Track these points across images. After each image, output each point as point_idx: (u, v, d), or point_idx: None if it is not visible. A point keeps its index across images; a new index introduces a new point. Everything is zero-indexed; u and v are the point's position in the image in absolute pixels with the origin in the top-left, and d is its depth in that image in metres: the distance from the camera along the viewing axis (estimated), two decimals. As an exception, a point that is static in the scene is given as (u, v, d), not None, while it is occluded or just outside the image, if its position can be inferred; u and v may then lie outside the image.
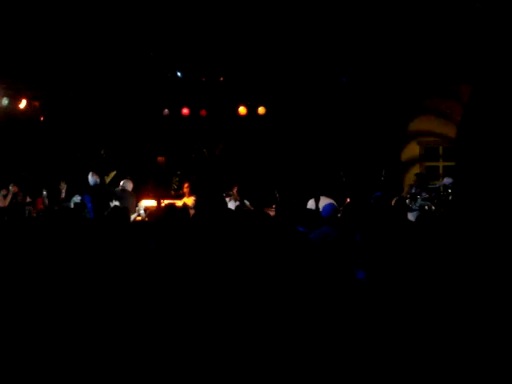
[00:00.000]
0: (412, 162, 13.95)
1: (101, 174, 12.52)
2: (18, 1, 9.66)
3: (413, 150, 13.98)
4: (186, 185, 12.07)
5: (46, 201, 10.68)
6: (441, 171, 13.89)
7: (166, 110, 13.22)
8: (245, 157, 14.11)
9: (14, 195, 10.89)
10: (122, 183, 11.05)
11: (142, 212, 10.81)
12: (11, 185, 10.94)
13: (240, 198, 11.07)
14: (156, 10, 10.27)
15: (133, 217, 9.91)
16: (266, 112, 12.49)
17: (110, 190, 10.96)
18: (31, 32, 10.51)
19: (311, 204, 9.07)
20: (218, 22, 9.96)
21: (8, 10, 9.68)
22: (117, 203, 10.04)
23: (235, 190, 11.19)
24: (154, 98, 12.90)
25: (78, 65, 11.45)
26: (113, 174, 14.22)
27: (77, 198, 10.42)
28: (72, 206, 9.89)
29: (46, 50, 10.96)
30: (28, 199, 11.33)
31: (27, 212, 9.61)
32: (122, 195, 10.64)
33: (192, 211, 6.92)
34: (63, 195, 11.28)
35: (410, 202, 10.43)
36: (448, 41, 9.88)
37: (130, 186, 11.01)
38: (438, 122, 13.42)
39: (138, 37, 11.13)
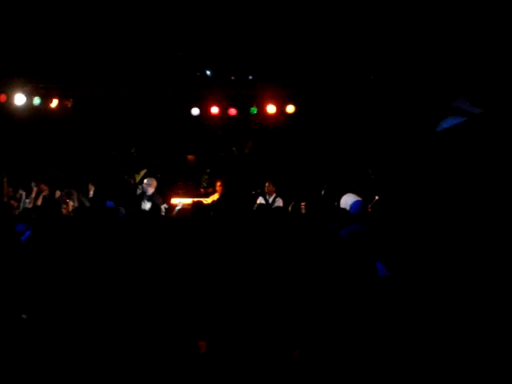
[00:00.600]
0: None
1: (132, 173, 12.75)
2: (50, 2, 9.85)
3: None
4: (218, 183, 12.17)
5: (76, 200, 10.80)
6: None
7: (196, 109, 13.30)
8: (274, 155, 14.15)
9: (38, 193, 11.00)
10: (145, 181, 11.15)
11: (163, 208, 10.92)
12: (36, 184, 11.05)
13: (276, 194, 11.13)
14: (186, 9, 10.38)
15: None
16: (296, 110, 12.50)
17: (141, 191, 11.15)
18: (63, 32, 10.71)
19: (344, 202, 9.06)
20: (247, 22, 10.03)
21: (41, 12, 9.88)
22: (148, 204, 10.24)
23: (269, 186, 11.22)
24: (184, 97, 12.98)
25: (108, 64, 11.61)
26: (143, 172, 14.38)
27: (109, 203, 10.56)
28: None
29: (77, 50, 11.14)
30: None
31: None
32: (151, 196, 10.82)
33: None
34: (91, 195, 11.49)
35: None
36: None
37: (154, 184, 11.11)
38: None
39: (169, 36, 11.25)
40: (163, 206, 10.94)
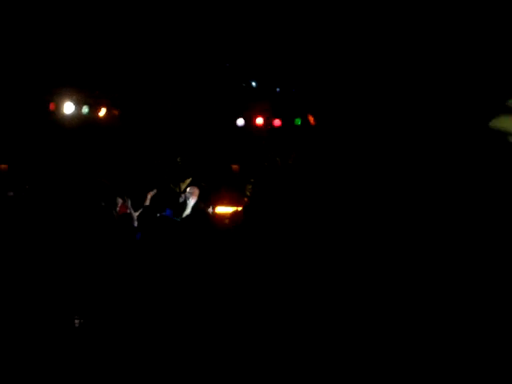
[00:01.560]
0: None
1: (177, 182, 12.86)
2: (100, 15, 10.06)
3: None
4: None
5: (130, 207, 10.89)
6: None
7: (241, 119, 13.41)
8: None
9: None
10: (188, 190, 11.23)
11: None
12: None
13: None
14: (233, 21, 10.47)
15: None
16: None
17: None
18: (112, 42, 10.92)
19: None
20: (292, 34, 10.06)
21: (90, 23, 10.11)
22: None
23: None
24: (230, 107, 13.10)
25: (156, 74, 11.79)
26: (188, 181, 14.49)
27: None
28: None
29: (126, 59, 11.34)
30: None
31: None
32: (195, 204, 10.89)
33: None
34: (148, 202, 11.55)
35: None
36: None
37: (196, 192, 11.17)
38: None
39: (215, 47, 11.36)
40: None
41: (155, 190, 11.08)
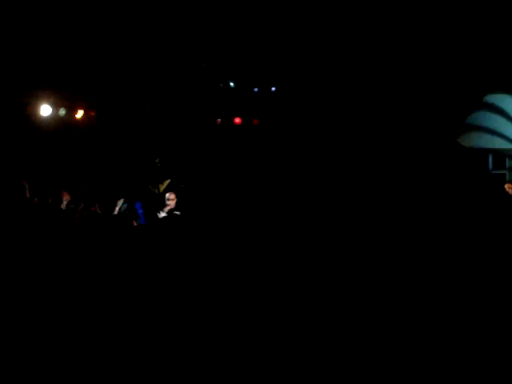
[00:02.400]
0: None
1: (156, 183, 12.80)
2: (76, 16, 10.01)
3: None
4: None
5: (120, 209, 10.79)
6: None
7: (219, 120, 13.42)
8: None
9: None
10: (167, 195, 11.15)
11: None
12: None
13: None
14: (211, 21, 10.47)
15: None
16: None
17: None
18: (87, 44, 10.87)
19: None
20: (270, 34, 10.09)
21: (65, 25, 10.05)
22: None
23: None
24: (208, 107, 13.09)
25: (132, 75, 11.75)
26: (167, 182, 14.44)
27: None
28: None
29: (100, 62, 11.29)
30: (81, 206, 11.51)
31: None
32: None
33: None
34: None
35: None
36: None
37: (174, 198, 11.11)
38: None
39: (192, 48, 11.35)
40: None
41: (122, 200, 10.99)
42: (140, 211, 9.90)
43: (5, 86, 11.27)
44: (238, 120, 13.39)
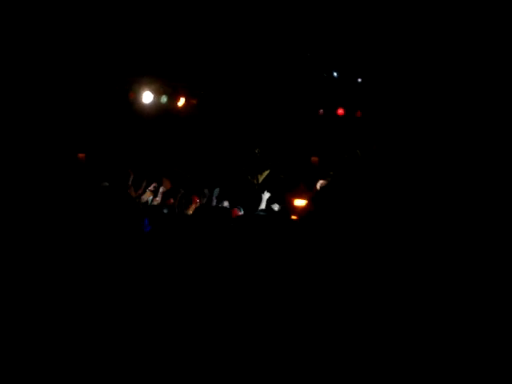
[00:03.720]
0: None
1: (255, 173, 12.71)
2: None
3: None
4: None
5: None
6: None
7: (321, 110, 13.18)
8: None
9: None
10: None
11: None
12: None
13: None
14: (315, 11, 10.24)
15: None
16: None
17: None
18: (190, 33, 10.85)
19: None
20: (374, 26, 9.76)
21: (168, 13, 10.05)
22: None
23: None
24: (310, 97, 12.91)
25: (237, 64, 11.67)
26: (266, 172, 14.35)
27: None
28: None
29: (205, 49, 11.27)
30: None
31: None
32: None
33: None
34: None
35: None
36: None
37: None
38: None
39: (297, 37, 11.14)
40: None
41: (218, 189, 10.88)
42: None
43: (107, 74, 11.47)
44: (341, 111, 13.11)
